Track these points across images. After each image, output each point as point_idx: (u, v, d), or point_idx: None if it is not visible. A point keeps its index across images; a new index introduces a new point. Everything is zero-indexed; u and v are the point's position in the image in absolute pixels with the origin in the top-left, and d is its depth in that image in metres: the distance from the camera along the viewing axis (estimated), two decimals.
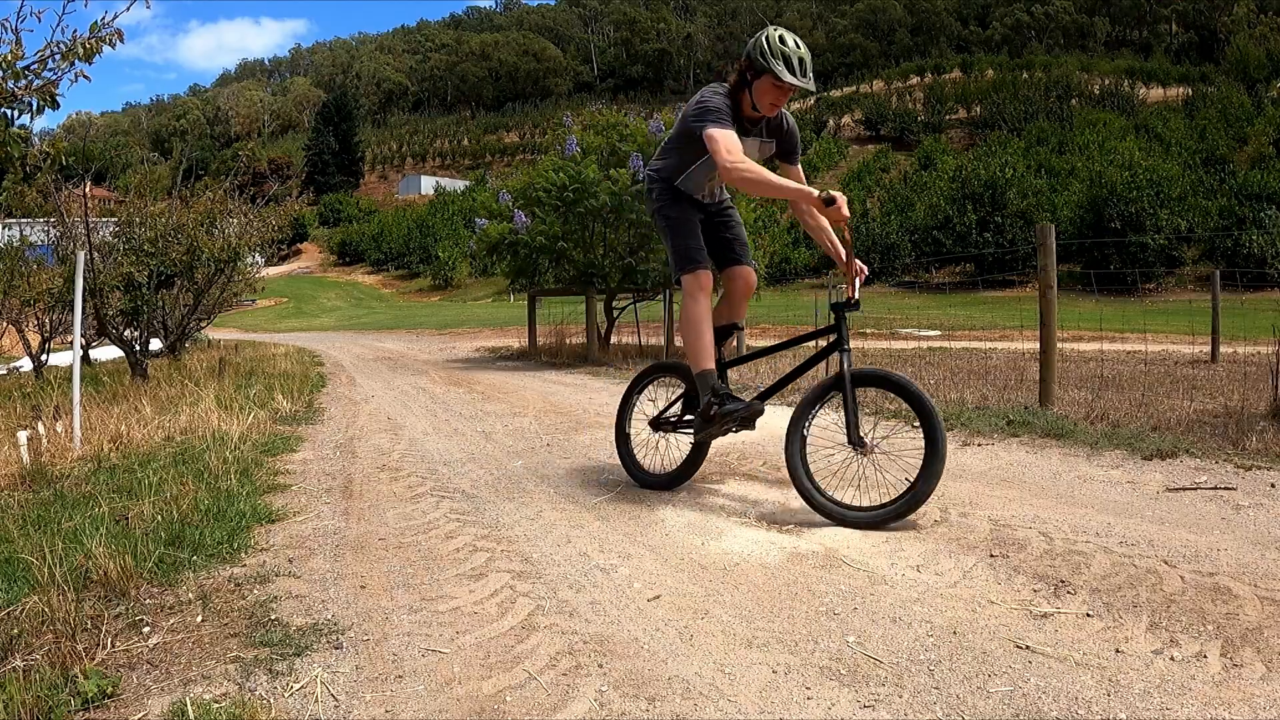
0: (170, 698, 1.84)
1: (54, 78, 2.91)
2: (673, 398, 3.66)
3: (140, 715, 1.79)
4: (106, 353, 13.02)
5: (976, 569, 2.47)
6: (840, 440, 3.03)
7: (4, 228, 10.36)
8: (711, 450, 4.34)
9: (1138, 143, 41.11)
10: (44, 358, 11.11)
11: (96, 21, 2.97)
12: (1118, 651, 1.93)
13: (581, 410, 5.99)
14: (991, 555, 2.58)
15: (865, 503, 2.91)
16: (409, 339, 19.80)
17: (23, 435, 4.33)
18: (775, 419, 5.31)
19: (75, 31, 2.93)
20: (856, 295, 3.04)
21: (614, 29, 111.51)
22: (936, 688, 1.80)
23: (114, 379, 8.50)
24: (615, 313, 11.82)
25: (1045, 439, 4.22)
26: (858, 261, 3.11)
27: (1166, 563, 2.45)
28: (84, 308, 6.38)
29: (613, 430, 3.83)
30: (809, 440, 3.06)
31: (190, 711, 1.76)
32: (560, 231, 9.76)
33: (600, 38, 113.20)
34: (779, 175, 3.14)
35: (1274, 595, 2.18)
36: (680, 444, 3.62)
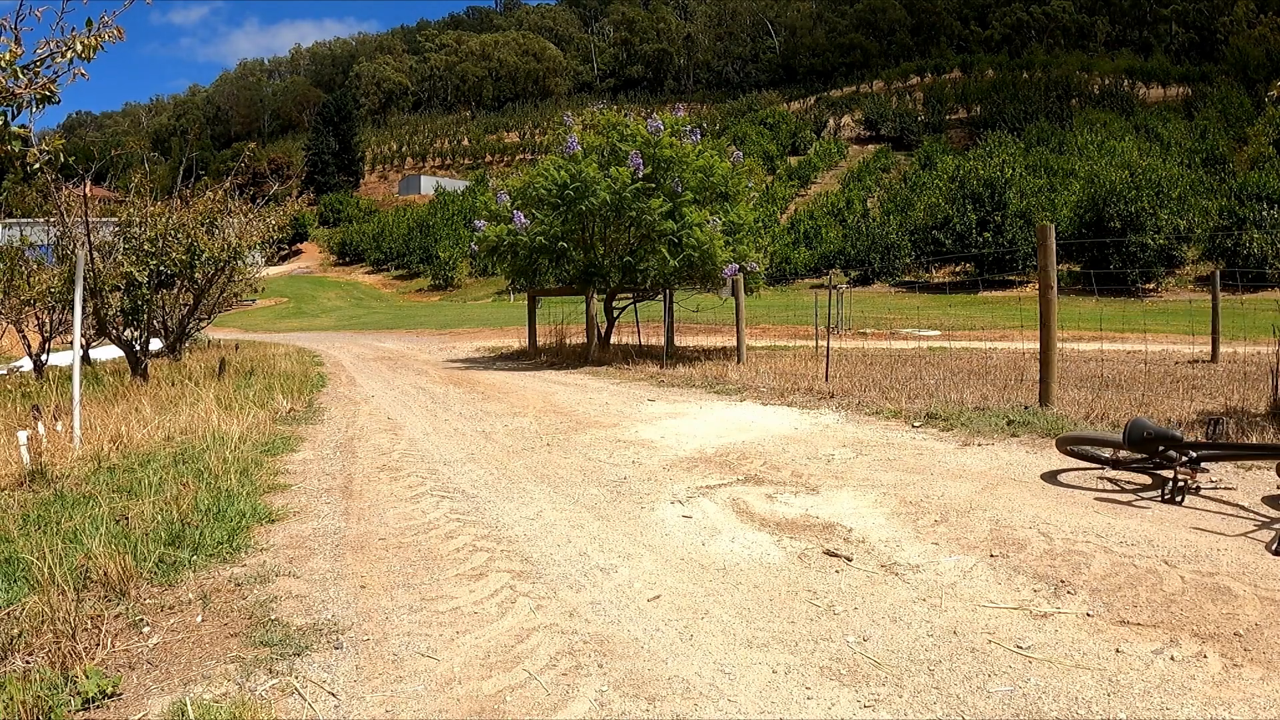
0: (170, 697, 1.84)
1: (52, 75, 2.91)
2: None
3: (140, 715, 1.79)
4: (106, 353, 13.00)
5: (976, 569, 2.47)
6: None
7: (4, 228, 10.38)
8: (712, 451, 4.35)
9: (1137, 142, 41.11)
10: (44, 358, 11.10)
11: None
12: (1118, 651, 1.93)
13: (581, 410, 5.98)
14: (991, 555, 2.58)
15: None
16: (409, 339, 19.78)
17: (23, 435, 4.32)
18: (772, 419, 5.31)
19: (74, 29, 2.93)
20: None
21: (614, 29, 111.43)
22: (936, 688, 1.80)
23: (114, 379, 8.49)
24: (615, 313, 11.82)
25: (1045, 439, 4.22)
26: None
27: (1166, 563, 2.45)
28: (84, 308, 6.38)
29: (612, 429, 3.82)
30: None
31: (190, 711, 1.76)
32: (560, 231, 9.76)
33: (600, 38, 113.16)
34: None
35: (1274, 595, 2.18)
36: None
